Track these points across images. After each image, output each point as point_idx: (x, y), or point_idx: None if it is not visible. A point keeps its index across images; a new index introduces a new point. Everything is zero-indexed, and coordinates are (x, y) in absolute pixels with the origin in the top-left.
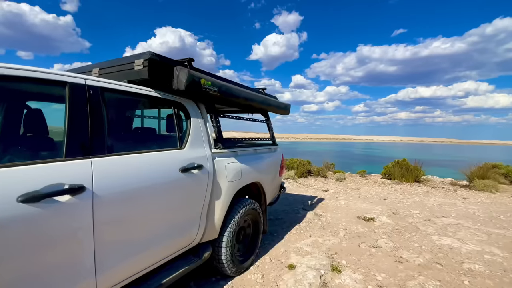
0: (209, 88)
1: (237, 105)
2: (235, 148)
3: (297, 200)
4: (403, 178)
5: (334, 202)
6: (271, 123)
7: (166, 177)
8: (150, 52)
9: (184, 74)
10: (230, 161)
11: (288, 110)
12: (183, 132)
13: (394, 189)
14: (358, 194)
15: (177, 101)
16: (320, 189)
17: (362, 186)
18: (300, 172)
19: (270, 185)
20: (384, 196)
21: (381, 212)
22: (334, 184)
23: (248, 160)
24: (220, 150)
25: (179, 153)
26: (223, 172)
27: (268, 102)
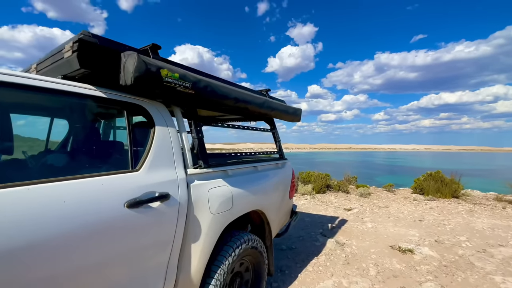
0: (176, 83)
1: (228, 109)
2: (225, 166)
3: (315, 222)
4: (438, 193)
5: (359, 225)
6: (277, 133)
7: (97, 219)
8: (84, 31)
9: (132, 61)
10: (215, 185)
11: (299, 116)
12: (140, 147)
13: (429, 207)
14: (387, 213)
15: (133, 103)
16: (341, 208)
17: (391, 203)
18: (318, 187)
19: (277, 213)
20: (420, 217)
21: (420, 239)
22: (357, 201)
23: (245, 182)
24: (201, 171)
25: (128, 178)
26: (203, 202)
27: (271, 106)
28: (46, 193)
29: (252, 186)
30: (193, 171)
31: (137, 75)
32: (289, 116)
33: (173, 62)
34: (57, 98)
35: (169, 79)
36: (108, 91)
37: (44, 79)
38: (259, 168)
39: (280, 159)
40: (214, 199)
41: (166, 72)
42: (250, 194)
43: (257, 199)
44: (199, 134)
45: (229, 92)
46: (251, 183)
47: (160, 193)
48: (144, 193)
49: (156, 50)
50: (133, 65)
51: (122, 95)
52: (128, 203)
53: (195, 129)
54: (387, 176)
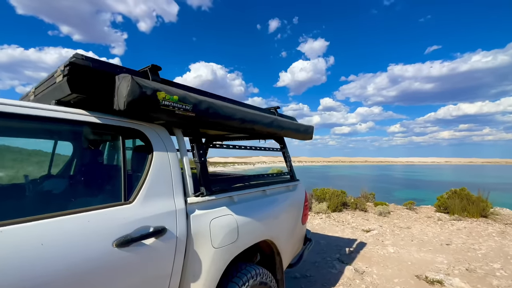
0: (174, 106)
1: (234, 130)
2: (230, 191)
3: (331, 245)
4: (464, 212)
5: (380, 249)
6: (287, 152)
7: (80, 263)
8: (77, 54)
9: (125, 84)
10: (219, 214)
11: (311, 134)
12: (136, 175)
13: (456, 227)
14: (410, 235)
15: (129, 127)
16: (359, 229)
17: (413, 223)
18: (334, 205)
19: (288, 241)
20: (446, 240)
21: (449, 267)
22: (376, 220)
23: (252, 209)
24: (203, 199)
25: (119, 212)
26: (205, 235)
27: (280, 125)
28: (20, 235)
29: (261, 214)
30: (194, 200)
31: (130, 99)
32: (300, 134)
33: (174, 83)
34: (39, 125)
35: (166, 102)
36: (101, 116)
37: (24, 105)
38: (268, 192)
39: (291, 180)
40: (217, 231)
41: (164, 95)
42: (258, 222)
43: (266, 228)
44: (201, 158)
45: (234, 112)
46: (259, 210)
47: (155, 228)
48: (137, 228)
49: (156, 71)
50: (127, 88)
51: (117, 119)
52: (117, 241)
53: (197, 152)
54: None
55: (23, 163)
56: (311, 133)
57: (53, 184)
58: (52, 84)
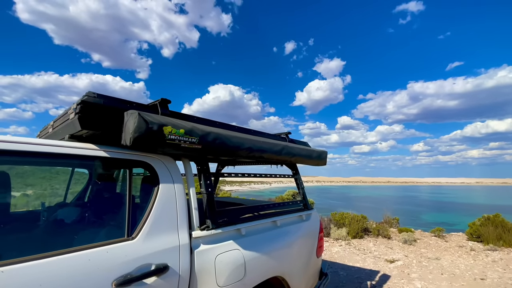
0: (180, 140)
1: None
2: (238, 224)
3: (351, 277)
4: (500, 241)
5: (406, 283)
6: (300, 178)
7: None
8: (89, 92)
9: (132, 121)
10: (225, 250)
11: (325, 160)
12: (141, 209)
13: (491, 259)
14: (439, 267)
15: (136, 160)
16: (382, 258)
17: (443, 253)
18: (354, 231)
19: (302, 277)
20: (481, 273)
21: None
22: (401, 249)
23: (262, 242)
24: (208, 233)
25: (121, 250)
26: (209, 272)
27: (291, 152)
28: (20, 276)
29: (271, 247)
30: (199, 234)
31: (136, 135)
32: (313, 160)
33: (182, 115)
34: (46, 160)
35: (172, 136)
36: (110, 149)
37: (30, 142)
38: (279, 223)
39: (305, 209)
40: (222, 268)
41: (170, 129)
42: (268, 257)
43: (277, 263)
44: (208, 189)
45: (242, 142)
46: (269, 244)
47: (157, 266)
48: (138, 266)
49: (165, 104)
50: (133, 125)
51: (125, 152)
52: (117, 281)
53: (204, 183)
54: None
55: (27, 196)
56: (325, 158)
57: (62, 215)
58: (66, 120)
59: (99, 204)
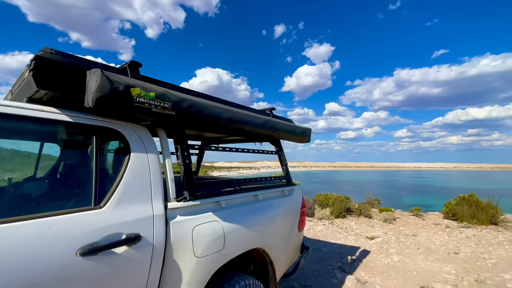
0: (151, 103)
1: (223, 130)
2: (218, 196)
3: (333, 253)
4: (473, 219)
5: (384, 257)
6: (284, 155)
7: (37, 273)
8: (45, 48)
9: (94, 80)
10: (203, 221)
11: (308, 137)
12: (110, 178)
13: (465, 235)
14: (416, 243)
15: (104, 127)
16: (363, 236)
17: (420, 230)
18: (337, 211)
19: (283, 250)
20: (455, 248)
21: (457, 277)
22: (381, 227)
23: (242, 215)
24: (185, 204)
25: (86, 218)
26: (186, 243)
27: (274, 126)
28: None
29: (252, 220)
30: (175, 205)
31: (99, 95)
32: (296, 137)
33: (155, 81)
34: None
35: (141, 98)
36: (73, 114)
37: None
38: (260, 197)
39: (288, 185)
40: (200, 239)
41: (139, 91)
42: (249, 229)
43: (258, 235)
44: (186, 160)
45: (221, 112)
46: (250, 216)
47: (128, 235)
48: (106, 236)
49: (136, 67)
50: (96, 84)
51: (90, 117)
52: (82, 250)
53: (181, 154)
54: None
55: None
56: (308, 135)
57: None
58: (23, 80)
59: (63, 173)
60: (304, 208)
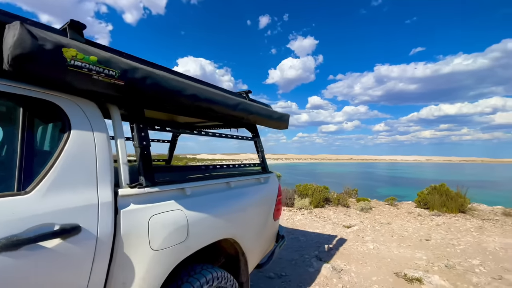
0: (92, 69)
1: (187, 110)
2: (182, 183)
3: (310, 242)
4: (443, 207)
5: (360, 245)
6: (260, 141)
7: None
8: None
9: (11, 34)
10: (163, 210)
11: (286, 122)
12: (42, 159)
13: (435, 223)
14: (390, 231)
15: (36, 98)
16: (340, 225)
17: (394, 219)
18: (316, 201)
19: (256, 240)
20: (426, 235)
21: (428, 263)
22: (358, 216)
23: (210, 203)
24: (140, 191)
25: (5, 206)
26: (141, 234)
27: (248, 109)
28: None
29: (221, 209)
30: (127, 192)
31: (18, 53)
32: (273, 122)
33: (105, 47)
34: None
35: (78, 62)
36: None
37: None
38: (232, 185)
39: (263, 172)
40: (158, 230)
41: (74, 52)
42: (218, 219)
43: (228, 224)
44: (143, 142)
45: (183, 87)
46: (219, 205)
47: (63, 226)
48: (31, 227)
49: (79, 29)
50: (13, 38)
51: (19, 86)
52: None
53: (137, 134)
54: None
55: None
56: (286, 121)
57: None
58: None
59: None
60: (280, 196)
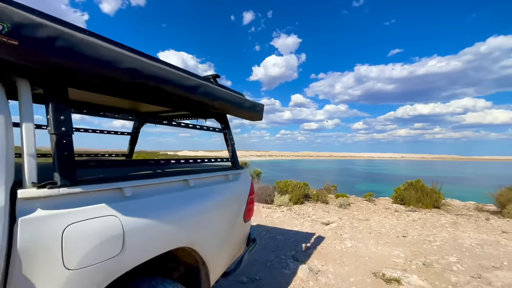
0: None
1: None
2: (118, 181)
3: (288, 241)
4: (419, 203)
5: (338, 243)
6: (230, 134)
7: None
8: None
9: None
10: (85, 217)
11: (260, 113)
12: None
13: (411, 218)
14: (368, 228)
15: None
16: (319, 221)
17: (372, 215)
18: (296, 198)
19: (221, 246)
20: (403, 231)
21: (406, 261)
22: (336, 212)
23: (159, 206)
24: (52, 192)
25: None
26: (50, 249)
27: (211, 93)
28: None
29: (174, 212)
30: (31, 194)
31: None
32: (245, 111)
33: None
34: None
35: None
36: None
37: None
38: (191, 183)
39: (233, 168)
40: (77, 243)
41: None
42: (168, 225)
43: (182, 231)
44: (60, 128)
45: (118, 58)
46: (171, 208)
47: None
48: None
49: None
50: None
51: None
52: None
53: (53, 117)
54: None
55: None
56: (260, 112)
57: None
58: None
59: None
60: (252, 195)
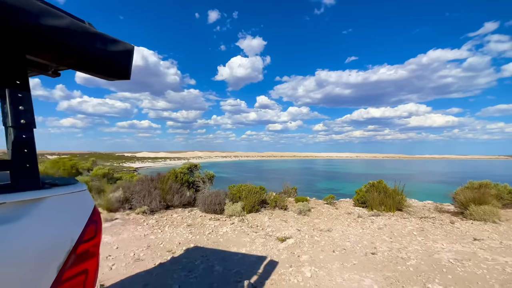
0: None
1: None
2: None
3: (228, 273)
4: (382, 205)
5: (294, 273)
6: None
7: None
8: None
9: None
10: None
11: (126, 72)
12: None
13: (377, 226)
14: (331, 242)
15: None
16: (274, 236)
17: (334, 222)
18: (250, 205)
19: None
20: (370, 245)
21: None
22: (295, 221)
23: None
24: None
25: None
26: None
27: None
28: None
29: None
30: None
31: None
32: (90, 57)
33: None
34: None
35: None
36: None
37: None
38: None
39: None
40: None
41: None
42: None
43: None
44: None
45: None
46: None
47: None
48: None
49: None
50: None
51: None
52: None
53: None
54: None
55: None
56: (126, 68)
57: None
58: None
59: None
60: (91, 242)
